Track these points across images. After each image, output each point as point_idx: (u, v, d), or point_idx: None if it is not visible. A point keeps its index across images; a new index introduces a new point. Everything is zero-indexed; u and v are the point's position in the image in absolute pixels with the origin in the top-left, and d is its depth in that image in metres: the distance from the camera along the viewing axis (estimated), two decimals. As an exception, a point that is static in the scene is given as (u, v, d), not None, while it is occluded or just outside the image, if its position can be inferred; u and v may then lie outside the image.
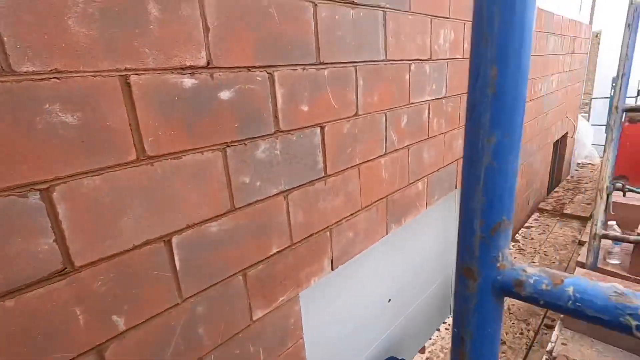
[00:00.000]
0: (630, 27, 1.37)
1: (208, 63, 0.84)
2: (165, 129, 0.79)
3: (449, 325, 2.15)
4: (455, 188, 2.16)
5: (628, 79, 1.45)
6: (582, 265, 1.84)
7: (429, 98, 1.70)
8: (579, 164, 5.35)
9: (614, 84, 5.43)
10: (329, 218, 1.28)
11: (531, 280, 0.29)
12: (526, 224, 3.44)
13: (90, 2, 0.65)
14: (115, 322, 0.77)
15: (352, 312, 1.72)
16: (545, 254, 2.89)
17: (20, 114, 0.61)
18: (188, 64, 0.81)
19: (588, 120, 6.21)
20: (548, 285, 0.28)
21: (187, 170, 0.85)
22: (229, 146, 0.92)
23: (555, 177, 4.90)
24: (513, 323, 2.11)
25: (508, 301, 2.32)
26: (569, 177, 4.74)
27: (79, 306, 0.71)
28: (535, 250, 2.95)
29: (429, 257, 2.64)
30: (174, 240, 0.85)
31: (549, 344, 1.59)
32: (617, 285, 0.25)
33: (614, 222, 1.80)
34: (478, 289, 0.32)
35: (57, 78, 0.64)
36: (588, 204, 3.73)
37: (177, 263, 0.86)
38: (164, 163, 0.80)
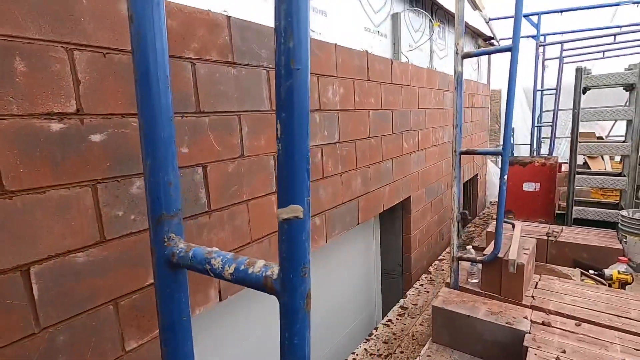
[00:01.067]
0: (456, 89, 1.75)
1: (78, 110, 0.97)
2: (28, 167, 0.89)
3: (365, 348, 2.25)
4: (359, 223, 2.38)
5: (460, 129, 1.82)
6: (447, 284, 2.09)
7: (321, 142, 1.95)
8: (492, 202, 6.00)
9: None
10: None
11: (177, 251, 0.44)
12: (439, 257, 3.75)
13: (-46, 59, 0.77)
14: (-44, 352, 0.79)
15: (250, 346, 1.77)
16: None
17: None
18: (56, 111, 0.93)
19: (497, 164, 7.06)
20: (183, 253, 0.43)
21: (51, 203, 0.93)
22: (99, 183, 1.02)
23: (470, 214, 5.43)
24: (415, 348, 2.27)
25: (414, 328, 2.49)
26: (480, 214, 5.29)
27: None
28: (443, 280, 3.22)
29: (353, 288, 2.77)
30: (33, 269, 0.90)
31: (418, 358, 1.76)
32: (213, 248, 0.41)
33: (470, 247, 2.10)
34: (156, 262, 0.46)
35: None
36: (479, 236, 4.18)
37: (35, 292, 0.91)
38: (24, 197, 0.88)
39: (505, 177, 1.59)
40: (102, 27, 1.01)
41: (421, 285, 3.15)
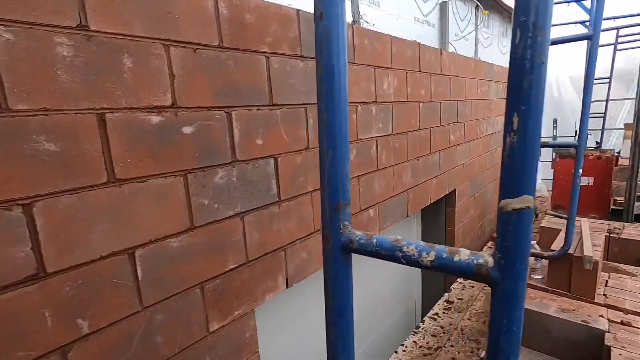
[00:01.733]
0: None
1: (173, 103, 1.02)
2: (134, 157, 0.95)
3: (414, 341, 2.26)
4: (408, 215, 2.37)
5: None
6: None
7: (377, 135, 1.95)
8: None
9: (554, 125, 6.05)
10: (283, 239, 1.43)
11: (357, 238, 0.46)
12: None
13: (76, 56, 0.83)
14: (79, 325, 0.87)
15: (311, 333, 1.82)
16: (498, 279, 3.09)
17: (12, 143, 0.75)
18: (155, 104, 0.99)
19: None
20: (364, 240, 0.45)
21: (151, 192, 0.99)
22: (190, 172, 1.08)
23: (511, 208, 5.26)
24: (465, 342, 2.25)
25: (462, 322, 2.47)
26: (522, 209, 5.11)
27: (47, 308, 0.82)
28: (489, 275, 3.15)
29: (393, 283, 2.79)
30: (137, 252, 0.97)
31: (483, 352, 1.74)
32: (398, 237, 0.43)
33: (534, 242, 2.05)
34: (331, 248, 0.48)
35: (45, 114, 0.79)
36: (537, 232, 4.05)
37: (139, 273, 0.98)
38: (130, 185, 0.95)
39: (580, 170, 1.53)
40: (193, 24, 1.05)
41: (465, 279, 3.10)
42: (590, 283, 1.65)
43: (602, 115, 5.47)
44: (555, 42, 1.72)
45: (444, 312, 2.61)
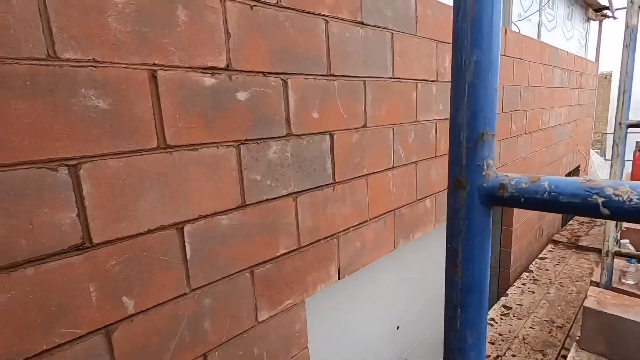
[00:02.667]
0: (627, 47, 1.43)
1: (227, 65, 0.92)
2: (185, 122, 0.85)
3: (461, 353, 2.06)
4: (465, 209, 2.15)
5: (630, 96, 1.48)
6: (596, 284, 1.78)
7: (436, 117, 1.76)
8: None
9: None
10: (336, 225, 1.30)
11: (513, 182, 0.31)
12: (540, 255, 3.35)
13: (128, 3, 0.74)
14: (125, 304, 0.79)
15: (359, 333, 1.68)
16: (560, 285, 2.78)
17: (59, 95, 0.67)
18: (209, 65, 0.88)
19: (602, 156, 6.18)
20: (527, 183, 0.30)
21: (203, 162, 0.90)
22: (242, 143, 0.97)
23: (570, 210, 4.80)
24: (528, 353, 2.01)
25: (523, 331, 2.23)
26: (583, 211, 4.64)
27: (92, 283, 0.74)
28: (551, 281, 2.85)
29: (436, 288, 2.58)
30: (187, 228, 0.88)
31: (567, 371, 1.51)
32: (585, 177, 0.28)
33: (627, 240, 1.76)
34: (467, 198, 0.34)
35: (94, 66, 0.71)
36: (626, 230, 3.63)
37: (187, 252, 0.89)
38: (182, 153, 0.85)
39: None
40: (250, -24, 0.94)
41: (523, 284, 2.82)
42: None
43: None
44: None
45: (501, 318, 2.37)
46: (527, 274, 2.98)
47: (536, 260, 3.24)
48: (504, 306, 2.51)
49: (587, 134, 5.02)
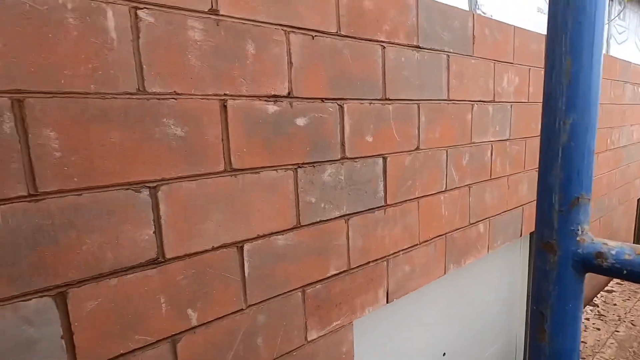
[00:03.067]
0: None
1: (289, 93, 0.97)
2: (249, 147, 0.91)
3: (515, 390, 1.91)
4: (521, 235, 2.04)
5: None
6: None
7: (492, 139, 1.70)
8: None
9: None
10: (386, 248, 1.29)
11: (613, 252, 0.30)
12: (606, 288, 3.04)
13: (206, 41, 0.82)
14: (189, 316, 0.85)
15: (405, 358, 1.63)
16: (632, 324, 2.50)
17: (146, 125, 0.75)
18: (273, 93, 0.94)
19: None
20: (630, 255, 0.29)
21: (263, 184, 0.95)
22: (300, 167, 1.01)
23: (643, 238, 4.32)
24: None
25: (587, 372, 2.03)
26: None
27: (163, 295, 0.80)
28: (620, 319, 2.57)
29: (492, 313, 2.44)
30: (246, 247, 0.93)
31: None
32: None
33: None
34: (558, 263, 0.33)
35: (175, 98, 0.79)
36: None
37: (246, 269, 0.93)
38: (245, 176, 0.91)
39: None
40: (313, 9, 0.99)
41: (587, 319, 2.57)
42: None
43: None
44: None
45: (561, 355, 2.17)
46: (591, 308, 2.72)
47: (602, 293, 2.95)
48: (565, 342, 2.30)
49: (665, 154, 4.52)
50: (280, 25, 0.93)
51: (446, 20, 1.38)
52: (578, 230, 0.33)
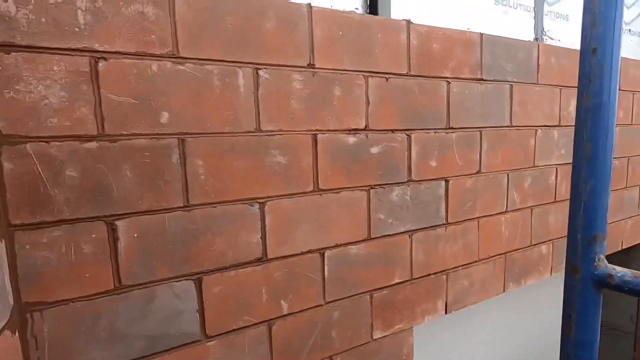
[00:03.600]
0: None
1: (365, 126, 1.16)
2: (333, 171, 1.11)
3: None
4: (589, 259, 1.99)
5: None
6: None
7: (557, 162, 1.73)
8: None
9: None
10: (446, 262, 1.41)
11: (619, 274, 0.44)
12: None
13: (304, 89, 1.04)
14: (282, 306, 1.06)
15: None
16: None
17: (259, 155, 0.99)
18: (353, 127, 1.14)
19: None
20: (630, 277, 0.43)
21: (342, 202, 1.14)
22: (372, 188, 1.19)
23: None
24: None
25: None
26: None
27: (264, 287, 1.03)
28: None
29: (552, 335, 2.38)
30: (327, 253, 1.13)
31: None
32: None
33: None
34: (581, 280, 0.47)
35: (280, 134, 1.02)
36: None
37: (325, 272, 1.13)
38: (328, 195, 1.11)
39: None
40: (388, 55, 1.18)
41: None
42: None
43: None
44: None
45: (634, 390, 2.05)
46: None
47: None
48: (640, 377, 2.17)
49: None
50: (361, 71, 1.13)
51: (510, 53, 1.48)
52: (596, 258, 0.46)
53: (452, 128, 1.36)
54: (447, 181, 1.37)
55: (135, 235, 0.85)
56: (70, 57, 0.76)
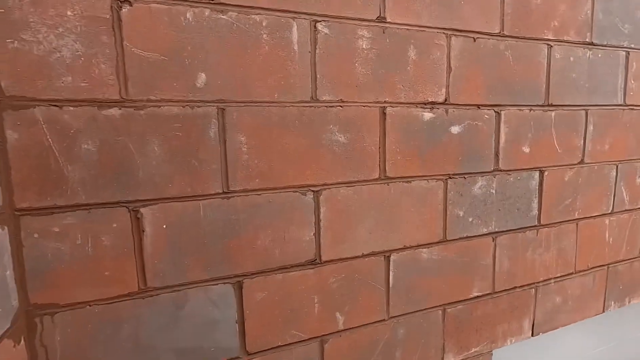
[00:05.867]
0: None
1: (445, 100, 0.92)
2: (403, 155, 0.89)
3: None
4: None
5: None
6: None
7: None
8: None
9: None
10: (535, 273, 1.14)
11: None
12: None
13: (371, 49, 0.82)
14: (337, 319, 0.86)
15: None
16: None
17: (314, 131, 0.79)
18: (429, 100, 0.90)
19: None
20: None
21: (414, 194, 0.91)
22: (450, 177, 0.95)
23: None
24: None
25: None
26: None
27: (317, 295, 0.83)
28: None
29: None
30: (393, 257, 0.91)
31: None
32: None
33: None
34: None
35: (341, 106, 0.81)
36: None
37: (390, 279, 0.91)
38: (397, 185, 0.89)
39: None
40: (476, 9, 0.92)
41: None
42: None
43: None
44: None
45: None
46: None
47: None
48: None
49: None
50: (443, 28, 0.89)
51: (628, 10, 1.15)
52: None
53: (552, 105, 1.07)
54: (541, 172, 1.09)
55: (164, 226, 0.69)
56: (88, 0, 0.60)
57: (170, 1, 0.65)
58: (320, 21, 0.77)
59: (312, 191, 0.80)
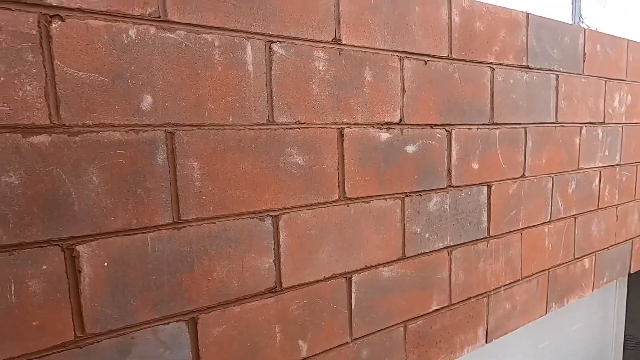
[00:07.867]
0: None
1: (400, 120, 0.94)
2: (362, 175, 0.89)
3: None
4: (630, 273, 1.79)
5: None
6: None
7: (601, 165, 1.53)
8: None
9: None
10: (487, 283, 1.19)
11: None
12: None
13: (328, 70, 0.82)
14: (300, 347, 0.83)
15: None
16: None
17: (272, 154, 0.76)
18: (386, 120, 0.91)
19: None
20: None
21: (373, 213, 0.92)
22: (407, 196, 0.97)
23: None
24: None
25: None
26: None
27: (278, 324, 0.80)
28: None
29: (581, 356, 2.18)
30: (354, 278, 0.90)
31: None
32: None
33: None
34: None
35: (299, 128, 0.79)
36: None
37: (352, 301, 0.90)
38: (356, 205, 0.89)
39: None
40: (426, 33, 0.96)
41: None
42: None
43: None
44: None
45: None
46: None
47: None
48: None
49: None
50: (396, 51, 0.91)
51: (556, 37, 1.27)
52: None
53: (496, 124, 1.14)
54: (489, 187, 1.15)
55: (105, 264, 0.62)
56: (10, 13, 0.53)
57: (110, 17, 0.60)
58: (275, 42, 0.75)
59: (271, 216, 0.77)
